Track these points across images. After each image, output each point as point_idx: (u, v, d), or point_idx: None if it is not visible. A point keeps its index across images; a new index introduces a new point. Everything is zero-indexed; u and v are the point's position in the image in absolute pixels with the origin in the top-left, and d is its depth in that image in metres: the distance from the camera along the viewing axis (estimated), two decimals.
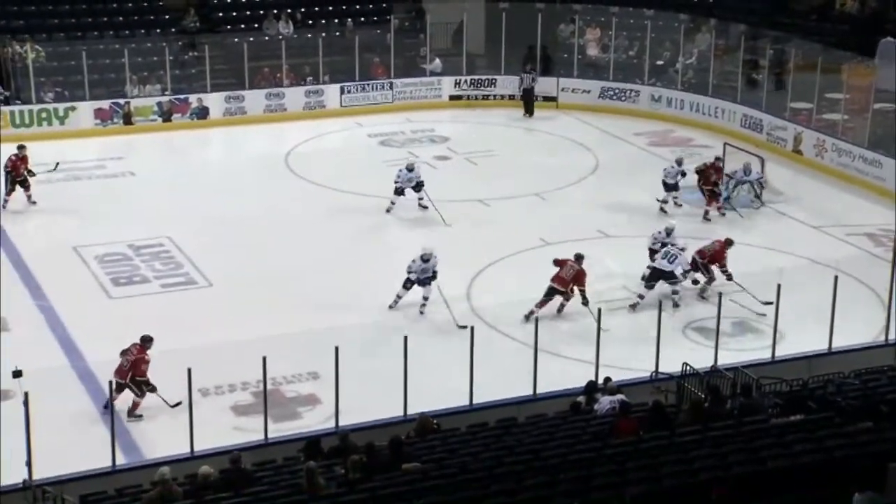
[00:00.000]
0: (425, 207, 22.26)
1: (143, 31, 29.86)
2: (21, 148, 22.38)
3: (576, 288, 17.68)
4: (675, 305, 18.05)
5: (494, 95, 30.51)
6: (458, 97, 30.52)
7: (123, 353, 14.87)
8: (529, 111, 29.42)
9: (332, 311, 17.55)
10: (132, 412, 14.83)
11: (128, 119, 27.80)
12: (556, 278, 17.76)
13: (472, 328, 14.72)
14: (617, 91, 29.96)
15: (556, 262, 17.97)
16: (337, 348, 13.57)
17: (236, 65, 29.09)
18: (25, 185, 22.21)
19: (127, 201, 23.18)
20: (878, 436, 11.18)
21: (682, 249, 18.65)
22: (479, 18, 32.13)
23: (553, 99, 30.33)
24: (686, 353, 15.72)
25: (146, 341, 14.90)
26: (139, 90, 28.29)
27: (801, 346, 16.24)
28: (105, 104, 27.72)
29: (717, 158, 22.84)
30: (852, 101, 25.94)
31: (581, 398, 14.06)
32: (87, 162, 25.19)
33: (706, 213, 22.17)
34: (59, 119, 27.27)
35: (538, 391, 14.85)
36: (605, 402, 13.46)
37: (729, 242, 18.80)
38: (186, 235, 20.91)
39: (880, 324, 16.83)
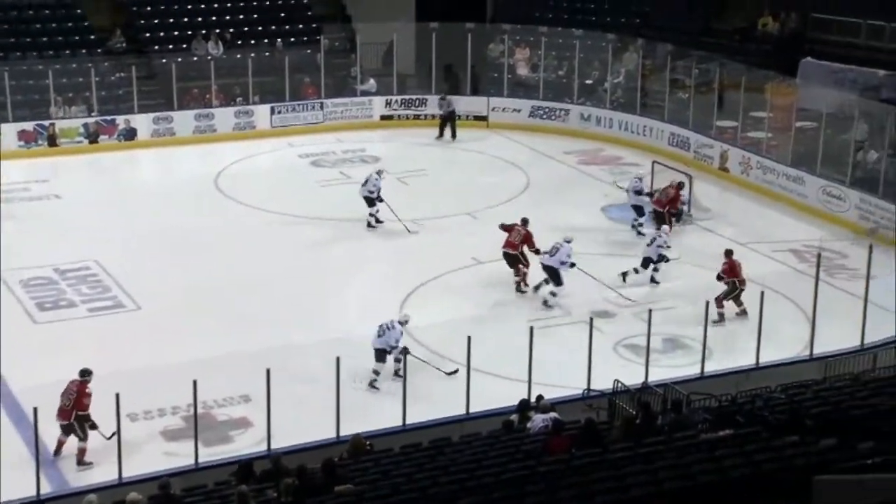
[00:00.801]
0: (381, 222, 22.43)
1: (68, 51, 29.48)
2: None
3: (527, 249, 18.96)
4: (546, 304, 18.68)
5: (425, 115, 30.58)
6: (389, 117, 30.55)
7: (63, 392, 14.24)
8: (453, 134, 29.25)
9: (264, 333, 17.41)
10: (81, 460, 14.21)
11: (52, 141, 27.38)
12: (506, 244, 19.10)
13: (406, 348, 14.71)
14: (547, 110, 30.23)
15: (504, 228, 19.24)
16: (268, 370, 13.46)
17: (164, 86, 28.84)
18: None
19: (52, 224, 22.82)
20: (803, 449, 11.36)
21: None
22: (409, 39, 32.21)
23: (483, 118, 30.50)
24: (617, 370, 15.85)
25: (85, 374, 14.32)
26: (64, 111, 27.89)
27: (729, 362, 16.47)
28: (29, 126, 27.29)
29: (680, 184, 22.71)
30: (775, 119, 26.46)
31: (514, 417, 14.09)
32: (10, 185, 24.68)
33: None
34: None
35: (471, 410, 14.86)
36: (537, 421, 13.51)
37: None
38: (114, 258, 20.63)
39: (805, 338, 17.12)
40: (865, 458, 10.98)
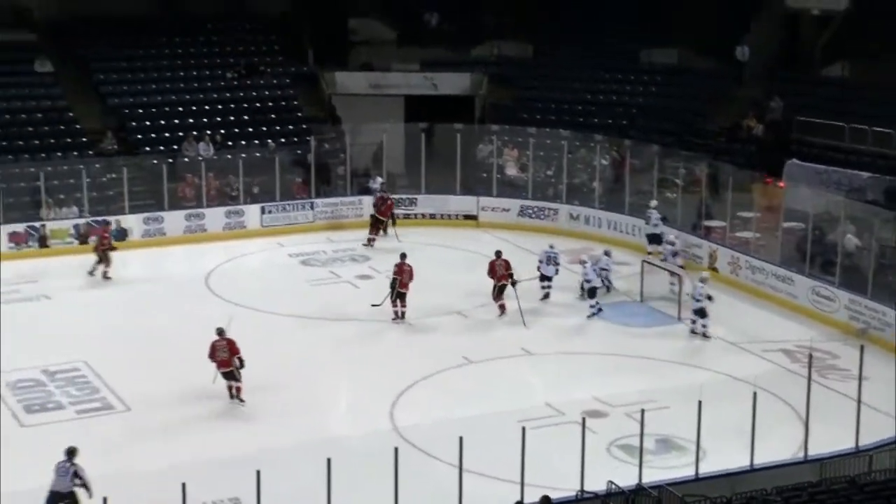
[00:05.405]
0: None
1: (59, 154, 29.69)
2: None
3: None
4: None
5: (416, 214, 30.77)
6: None
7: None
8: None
9: (256, 434, 17.25)
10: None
11: (43, 242, 27.42)
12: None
13: (396, 449, 14.52)
14: (536, 209, 30.46)
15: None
16: (258, 472, 13.25)
17: (155, 186, 28.99)
18: None
19: (41, 325, 22.71)
20: None
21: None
22: (398, 138, 32.59)
23: (473, 217, 30.72)
24: (611, 471, 15.67)
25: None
26: (55, 213, 27.95)
27: (723, 464, 16.27)
28: (20, 227, 27.38)
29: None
30: (763, 219, 26.63)
31: None
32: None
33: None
34: None
35: None
36: None
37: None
38: (103, 359, 20.48)
39: (799, 439, 17.00)
40: None
